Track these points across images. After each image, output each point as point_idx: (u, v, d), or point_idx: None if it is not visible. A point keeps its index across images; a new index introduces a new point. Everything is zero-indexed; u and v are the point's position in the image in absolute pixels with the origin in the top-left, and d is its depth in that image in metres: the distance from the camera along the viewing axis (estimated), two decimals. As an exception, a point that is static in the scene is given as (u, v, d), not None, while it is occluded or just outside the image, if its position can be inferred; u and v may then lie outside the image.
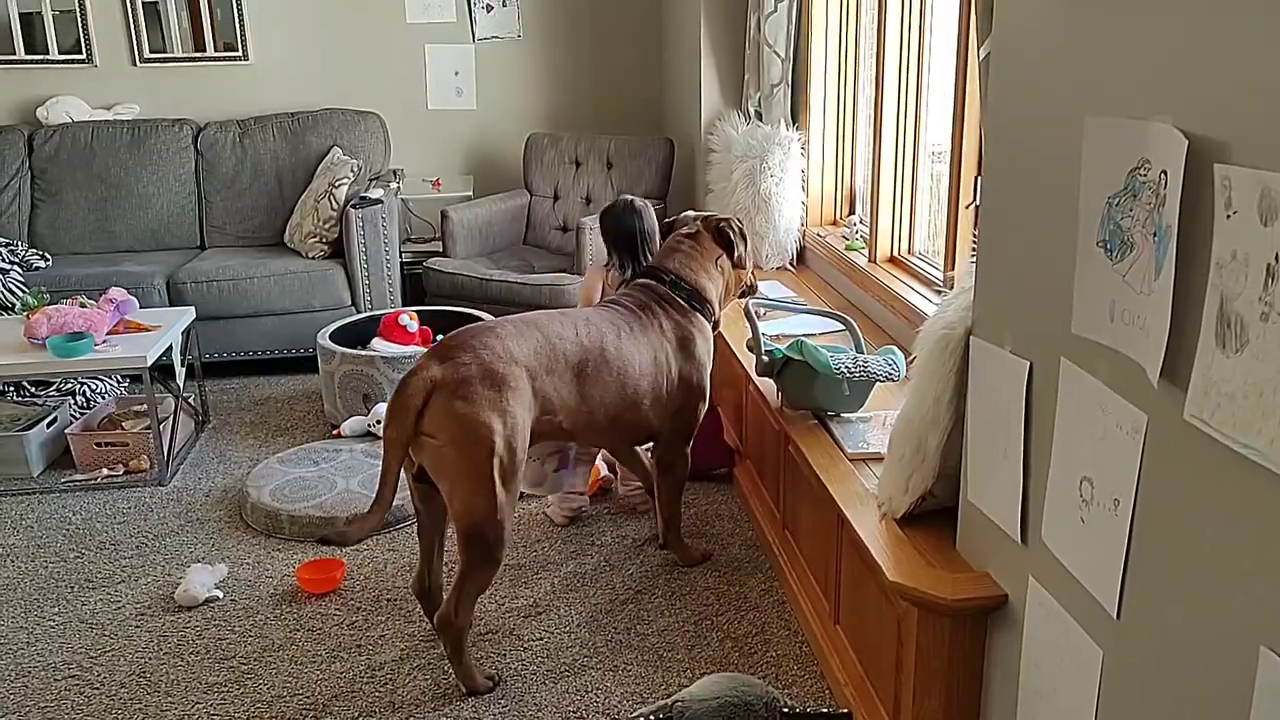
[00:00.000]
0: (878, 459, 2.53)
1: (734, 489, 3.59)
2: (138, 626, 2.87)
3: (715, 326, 3.06)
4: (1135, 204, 1.46)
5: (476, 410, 2.41)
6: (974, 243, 2.86)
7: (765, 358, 2.84)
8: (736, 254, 3.05)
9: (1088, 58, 1.59)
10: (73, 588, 3.08)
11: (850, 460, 2.59)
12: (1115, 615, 1.57)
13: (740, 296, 3.19)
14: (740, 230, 3.09)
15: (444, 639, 2.55)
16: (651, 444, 3.04)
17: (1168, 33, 1.40)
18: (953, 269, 3.01)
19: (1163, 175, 1.40)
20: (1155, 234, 1.42)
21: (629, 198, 3.34)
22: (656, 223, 3.29)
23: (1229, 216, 1.28)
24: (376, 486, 2.48)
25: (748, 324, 2.95)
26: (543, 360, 2.57)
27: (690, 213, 3.24)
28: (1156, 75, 1.42)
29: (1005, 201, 1.89)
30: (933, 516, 2.25)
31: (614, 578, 3.06)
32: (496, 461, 2.42)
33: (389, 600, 2.99)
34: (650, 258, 3.15)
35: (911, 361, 2.31)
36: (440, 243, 5.00)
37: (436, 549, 2.69)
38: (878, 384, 2.77)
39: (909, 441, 2.21)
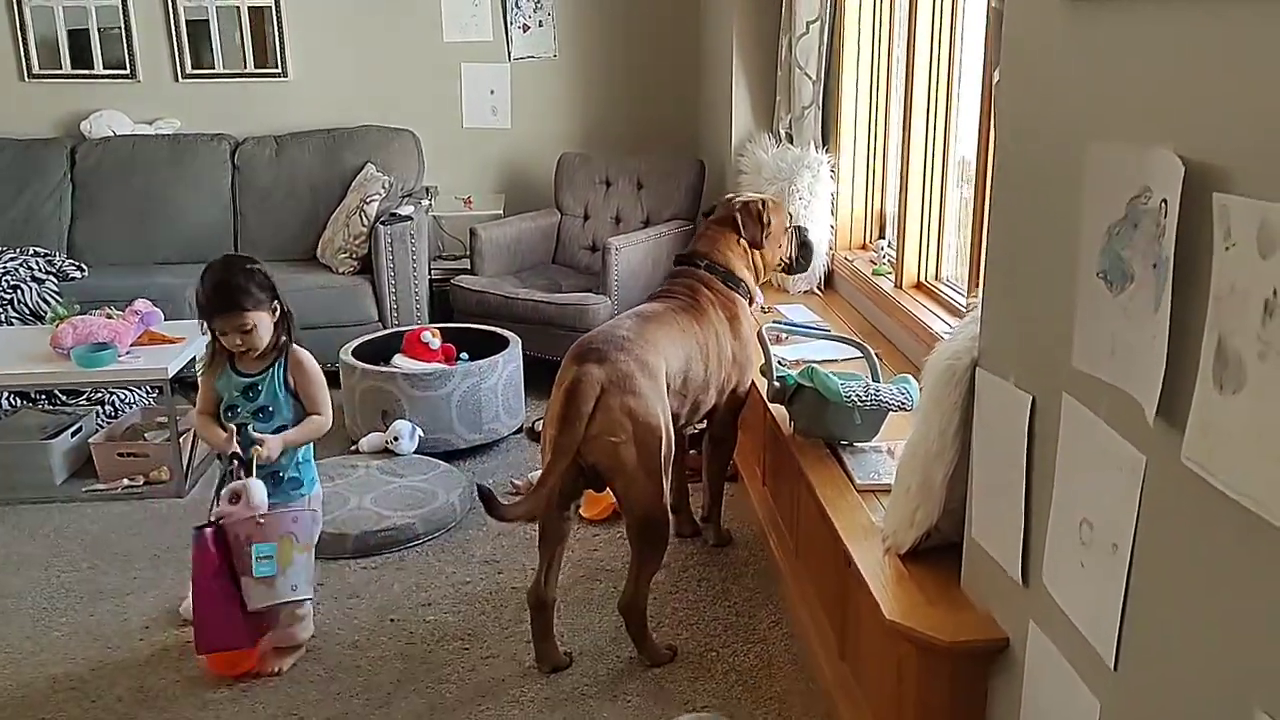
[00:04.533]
0: (888, 490, 2.46)
1: (751, 514, 3.52)
2: (141, 640, 2.87)
3: (751, 303, 3.16)
4: (1136, 234, 1.39)
5: (648, 403, 2.55)
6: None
7: (777, 383, 2.78)
8: (747, 234, 3.11)
9: (1090, 81, 1.53)
10: (82, 598, 3.09)
11: (859, 491, 2.51)
12: (1113, 666, 1.49)
13: (786, 271, 3.35)
14: (757, 210, 3.14)
15: (630, 624, 2.68)
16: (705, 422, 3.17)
17: (1168, 55, 1.33)
18: (975, 295, 2.93)
19: (1163, 204, 1.33)
20: (1156, 265, 1.35)
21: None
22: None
23: (1228, 249, 1.21)
24: (536, 482, 2.55)
25: (760, 348, 2.90)
26: (668, 347, 2.73)
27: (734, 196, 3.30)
28: (1156, 99, 1.36)
29: (1010, 229, 1.83)
30: (939, 553, 2.17)
31: (621, 604, 3.00)
32: (665, 448, 2.58)
33: (394, 620, 2.95)
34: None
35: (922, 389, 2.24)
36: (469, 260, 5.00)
37: (558, 561, 2.70)
38: (892, 413, 2.69)
39: (915, 474, 2.14)
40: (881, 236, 4.23)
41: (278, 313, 2.59)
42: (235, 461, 2.50)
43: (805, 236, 3.30)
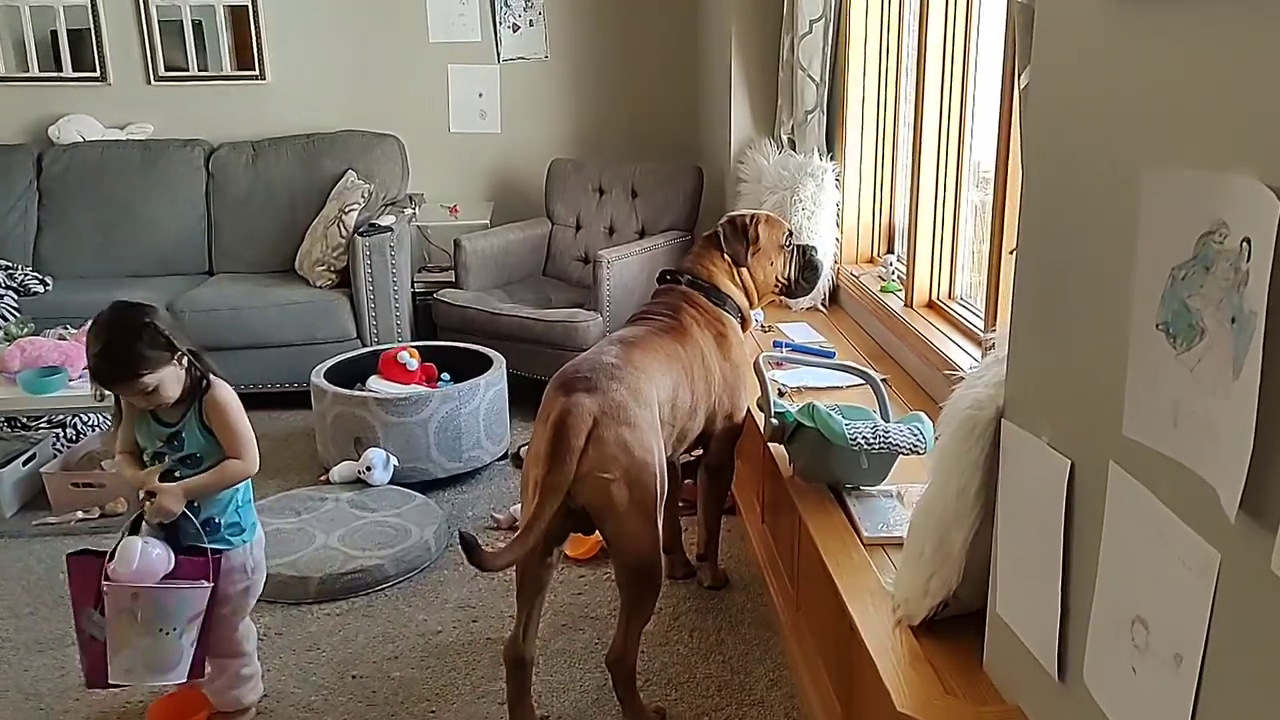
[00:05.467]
0: (899, 544, 2.19)
1: (750, 552, 3.25)
2: (77, 699, 2.61)
3: (745, 325, 2.91)
4: (1208, 279, 1.13)
5: (643, 436, 2.34)
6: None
7: (775, 421, 2.52)
8: (729, 250, 2.87)
9: (1147, 90, 1.26)
10: (19, 649, 2.83)
11: (866, 546, 2.25)
12: (1175, 801, 1.22)
13: (785, 294, 3.02)
14: (742, 224, 2.89)
15: (617, 681, 2.44)
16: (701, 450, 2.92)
17: (1252, 59, 1.06)
18: (995, 324, 2.67)
19: (1245, 244, 1.07)
20: (1234, 319, 1.09)
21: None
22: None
23: (1338, 307, 0.94)
24: (520, 526, 2.26)
25: (756, 379, 2.63)
26: (657, 374, 2.52)
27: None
28: (1237, 114, 1.09)
29: (1044, 262, 1.56)
30: (958, 623, 1.91)
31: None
32: (660, 485, 2.35)
33: (356, 676, 2.69)
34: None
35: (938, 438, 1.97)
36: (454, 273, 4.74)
37: (537, 612, 2.45)
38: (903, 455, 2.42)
39: (929, 537, 1.87)
40: (890, 251, 3.97)
41: (184, 359, 2.26)
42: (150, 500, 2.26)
43: (811, 256, 2.98)
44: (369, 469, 3.56)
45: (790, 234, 2.98)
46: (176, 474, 2.28)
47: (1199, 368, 1.15)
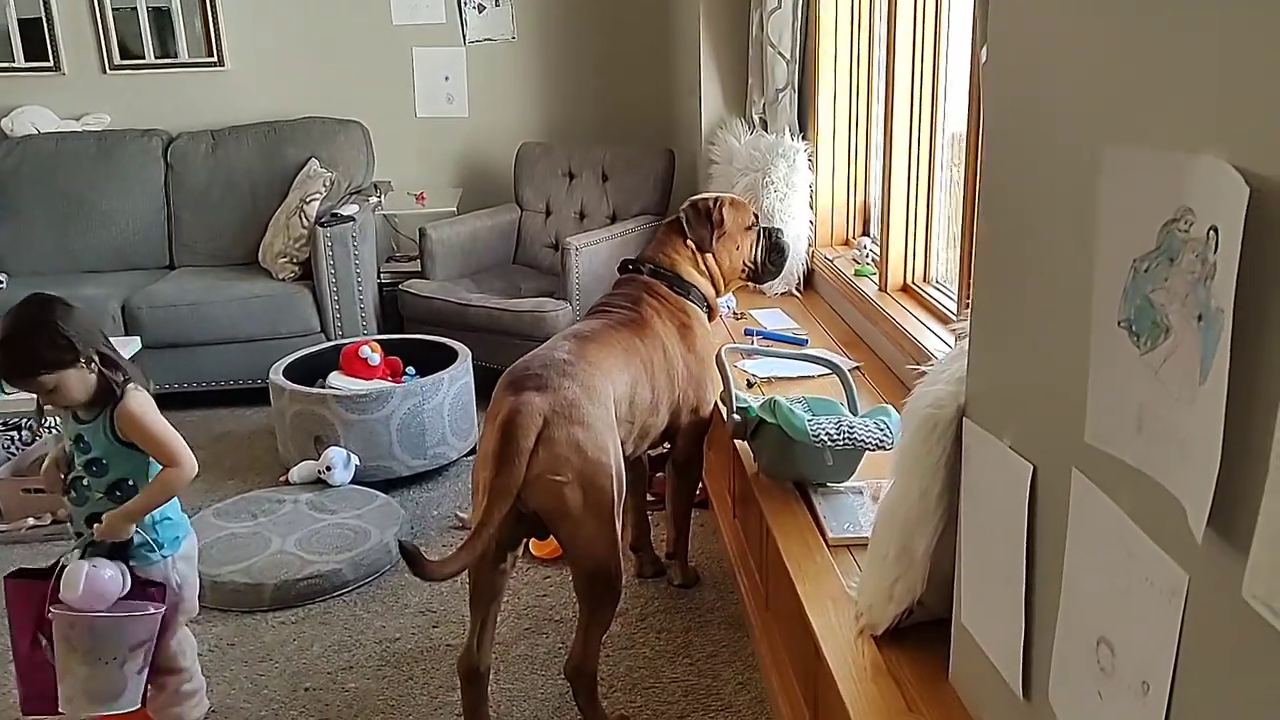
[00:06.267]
0: (866, 545, 2.09)
1: (722, 547, 3.15)
2: (15, 721, 2.51)
3: (711, 315, 2.80)
4: (1173, 272, 1.02)
5: (597, 435, 2.23)
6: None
7: (736, 416, 2.41)
8: (693, 235, 2.76)
9: (1107, 63, 1.14)
10: (-43, 669, 2.73)
11: (832, 547, 2.15)
12: (1144, 839, 1.12)
13: (752, 279, 2.90)
14: (706, 208, 2.78)
15: (578, 689, 2.34)
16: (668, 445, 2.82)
17: (1223, 29, 0.95)
18: (968, 309, 2.56)
19: (1212, 234, 0.95)
20: (1200, 316, 0.98)
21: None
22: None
23: (1315, 305, 0.83)
24: (469, 533, 2.14)
25: (717, 372, 2.52)
26: (613, 370, 2.41)
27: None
28: (1203, 89, 0.98)
29: (1002, 250, 1.45)
30: (922, 632, 1.81)
31: (569, 663, 2.64)
32: (616, 487, 2.24)
33: (309, 689, 2.59)
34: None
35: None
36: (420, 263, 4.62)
37: (492, 621, 2.34)
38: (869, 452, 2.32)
39: (892, 541, 1.77)
40: (865, 233, 3.85)
41: (92, 363, 2.12)
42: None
43: (779, 239, 2.87)
44: (329, 469, 3.45)
45: (756, 216, 2.87)
46: (83, 480, 2.18)
47: (1164, 369, 1.04)
